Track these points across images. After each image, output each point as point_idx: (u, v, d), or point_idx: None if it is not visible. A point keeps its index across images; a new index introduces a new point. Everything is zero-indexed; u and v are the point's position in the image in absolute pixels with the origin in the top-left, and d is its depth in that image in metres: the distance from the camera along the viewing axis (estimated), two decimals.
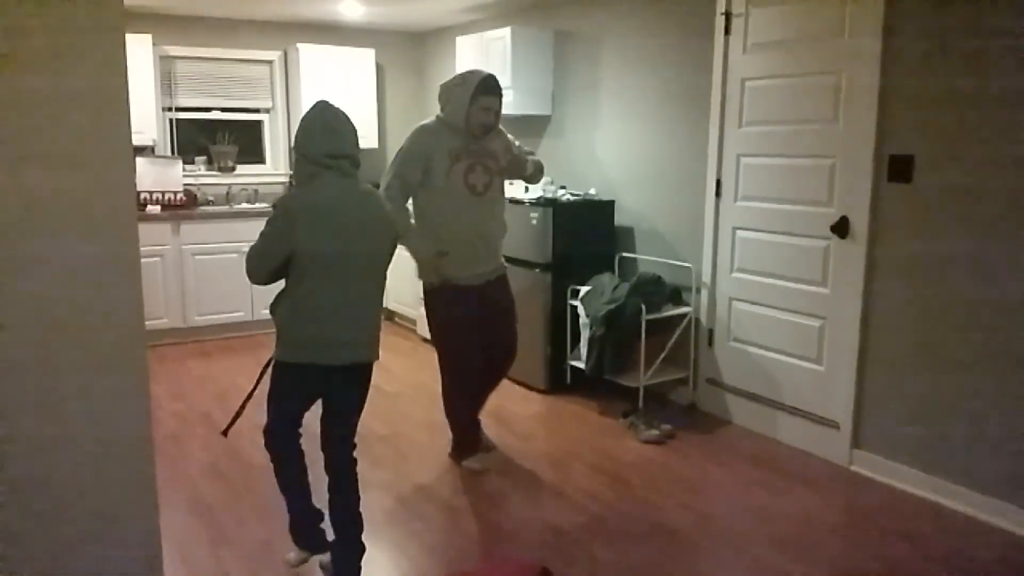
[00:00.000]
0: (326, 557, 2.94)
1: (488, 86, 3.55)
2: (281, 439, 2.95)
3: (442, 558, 3.06)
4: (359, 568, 2.89)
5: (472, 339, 3.76)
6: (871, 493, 3.60)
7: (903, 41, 3.47)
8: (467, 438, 3.92)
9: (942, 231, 3.39)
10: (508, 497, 3.58)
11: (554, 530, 3.28)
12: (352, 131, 2.79)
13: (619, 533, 3.23)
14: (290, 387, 2.84)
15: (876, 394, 3.72)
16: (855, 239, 3.74)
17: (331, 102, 2.82)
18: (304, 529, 3.03)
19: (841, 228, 3.79)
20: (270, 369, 2.88)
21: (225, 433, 3.06)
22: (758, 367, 4.29)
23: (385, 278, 2.90)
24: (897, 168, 3.54)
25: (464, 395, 3.88)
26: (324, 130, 2.72)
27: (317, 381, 2.80)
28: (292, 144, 2.77)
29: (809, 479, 3.75)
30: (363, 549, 2.90)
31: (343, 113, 2.80)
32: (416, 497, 3.57)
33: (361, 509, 2.92)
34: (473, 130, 3.58)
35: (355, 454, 2.94)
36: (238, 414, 2.99)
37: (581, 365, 4.67)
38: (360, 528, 2.91)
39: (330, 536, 2.96)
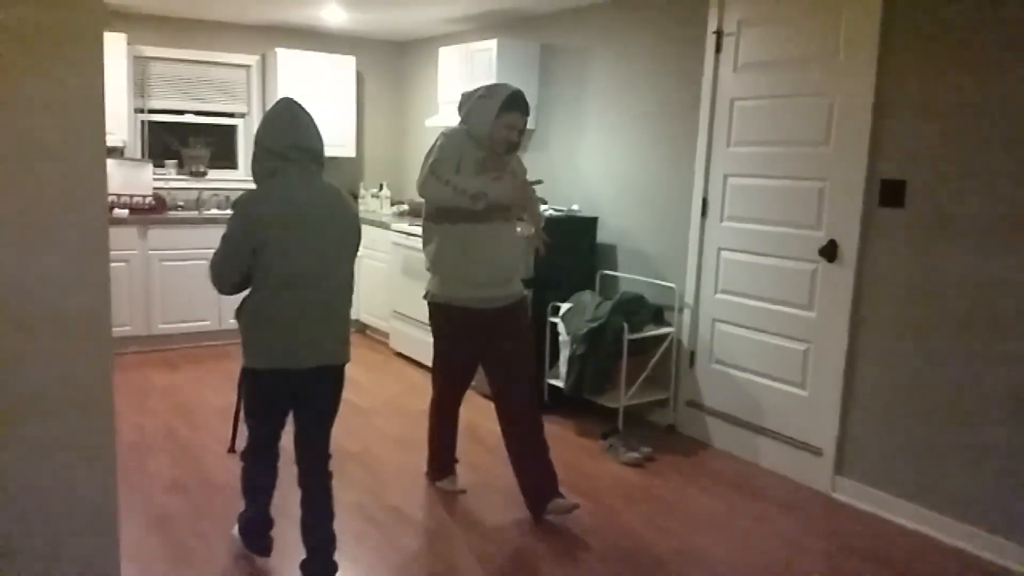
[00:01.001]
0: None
1: (514, 102, 3.32)
2: (256, 453, 2.88)
3: None
4: None
5: (457, 363, 3.60)
6: (854, 521, 3.53)
7: (898, 65, 3.44)
8: (440, 457, 3.78)
9: (934, 257, 3.35)
10: (484, 520, 3.45)
11: (532, 554, 3.16)
12: (317, 128, 2.71)
13: (599, 559, 3.12)
14: (262, 396, 2.75)
15: (861, 421, 3.66)
16: (843, 263, 3.69)
17: (295, 99, 2.74)
18: (256, 534, 3.01)
19: (829, 252, 3.74)
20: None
21: (232, 449, 3.10)
22: (740, 390, 4.22)
23: (352, 276, 2.80)
24: (889, 193, 3.50)
25: (441, 413, 3.72)
26: (288, 122, 2.64)
27: (288, 387, 2.70)
28: (254, 139, 2.68)
29: (791, 505, 3.68)
30: (335, 568, 2.83)
31: (308, 112, 2.72)
32: (389, 519, 3.43)
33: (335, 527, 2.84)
34: (496, 147, 3.34)
35: (330, 467, 2.85)
36: (235, 427, 2.91)
37: (560, 383, 4.57)
38: (333, 546, 2.83)
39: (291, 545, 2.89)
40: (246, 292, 2.70)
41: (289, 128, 2.63)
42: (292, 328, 2.61)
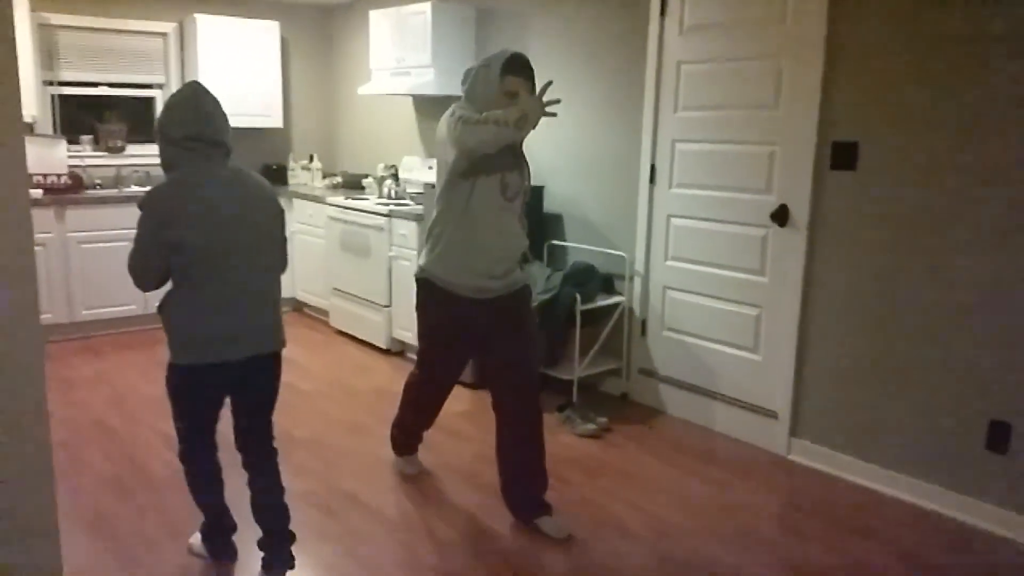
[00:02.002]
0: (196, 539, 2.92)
1: (513, 65, 2.94)
2: (195, 452, 2.73)
3: (379, 574, 2.82)
4: (292, 556, 2.78)
5: (448, 357, 3.28)
6: (812, 482, 3.57)
7: (848, 26, 3.41)
8: (404, 434, 3.59)
9: (886, 219, 3.36)
10: (444, 502, 3.36)
11: (495, 535, 3.09)
12: (223, 116, 2.55)
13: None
14: (192, 392, 2.62)
15: (814, 383, 3.69)
16: (795, 227, 3.68)
17: (202, 84, 2.57)
18: (219, 542, 2.87)
19: (781, 216, 3.72)
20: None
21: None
22: (693, 357, 4.21)
23: (280, 259, 2.68)
24: (840, 155, 3.49)
25: (418, 397, 3.45)
26: (190, 111, 2.49)
27: (220, 381, 2.58)
28: (155, 127, 2.54)
29: (749, 470, 3.70)
30: (293, 537, 2.78)
31: (214, 97, 2.56)
32: (345, 507, 3.30)
33: (286, 500, 2.77)
34: None
35: (275, 444, 2.79)
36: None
37: None
38: (287, 517, 2.77)
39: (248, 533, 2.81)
40: (168, 286, 2.56)
41: (190, 118, 2.48)
42: (219, 320, 2.50)
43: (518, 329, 3.11)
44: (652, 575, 2.83)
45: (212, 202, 2.47)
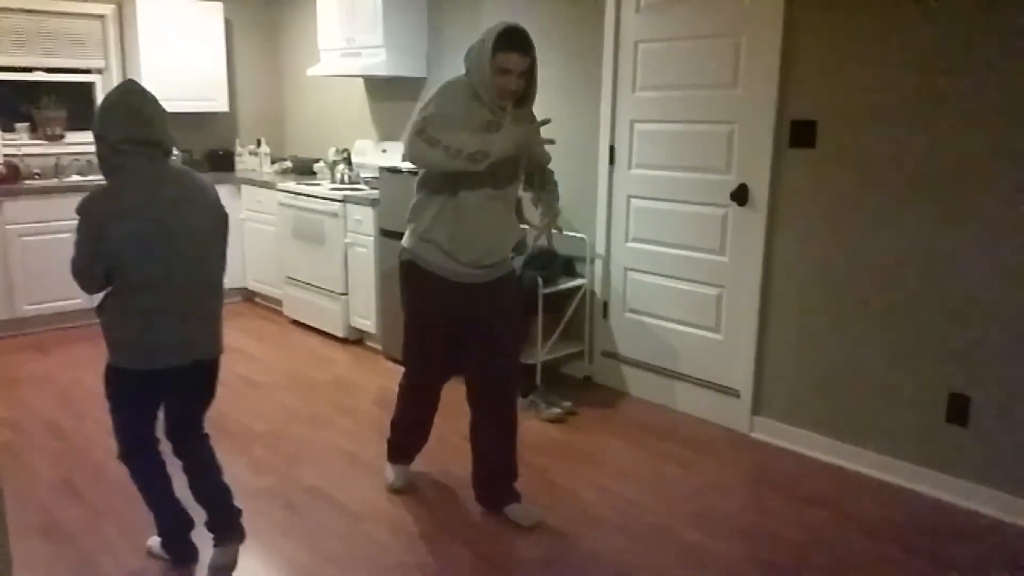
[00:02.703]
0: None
1: (507, 39, 2.67)
2: (136, 454, 2.67)
3: (346, 569, 2.76)
4: (241, 529, 2.76)
5: (436, 340, 3.04)
6: (775, 460, 3.60)
7: (805, 5, 3.40)
8: (397, 439, 3.34)
9: (845, 197, 3.38)
10: (409, 494, 3.30)
11: (464, 526, 3.05)
12: (162, 116, 2.46)
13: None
14: (128, 395, 2.58)
15: (776, 361, 3.71)
16: (755, 206, 3.69)
17: (137, 82, 2.51)
18: (177, 542, 2.79)
19: (740, 195, 3.72)
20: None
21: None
22: (655, 338, 4.20)
23: (220, 265, 2.66)
24: (799, 134, 3.49)
25: (410, 398, 3.21)
26: (127, 111, 2.41)
27: (157, 384, 2.55)
28: (92, 129, 2.49)
29: (713, 449, 3.71)
30: (239, 512, 2.78)
31: (152, 96, 2.48)
32: (308, 502, 3.23)
33: (226, 480, 2.78)
34: (499, 100, 2.73)
35: (206, 430, 2.79)
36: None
37: None
38: (229, 493, 2.76)
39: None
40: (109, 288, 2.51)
41: (126, 120, 2.40)
42: (158, 328, 2.47)
43: (501, 316, 3.00)
44: (622, 557, 2.82)
45: (151, 212, 2.40)
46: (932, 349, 3.20)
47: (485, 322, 2.97)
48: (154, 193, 2.42)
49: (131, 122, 2.40)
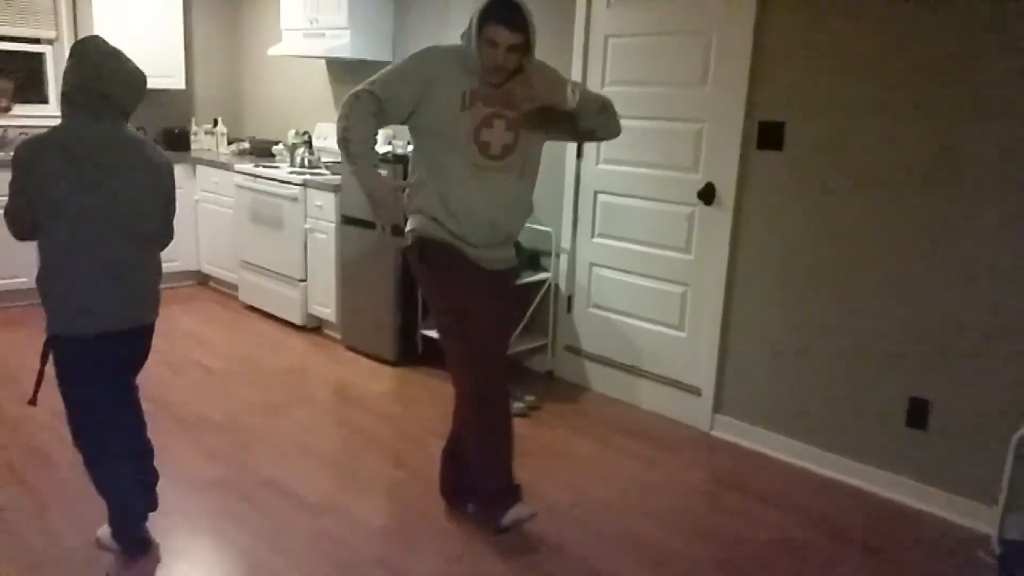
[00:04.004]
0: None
1: (494, 11, 2.51)
2: (85, 432, 2.58)
3: (304, 564, 2.70)
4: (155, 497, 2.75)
5: (485, 312, 2.70)
6: (735, 458, 3.63)
7: (777, 5, 3.41)
8: (506, 483, 2.76)
9: (811, 200, 3.41)
10: (369, 486, 3.25)
11: (422, 517, 3.01)
12: (120, 71, 2.43)
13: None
14: (67, 365, 2.50)
15: (738, 360, 3.73)
16: (721, 206, 3.69)
17: (106, 40, 2.49)
18: (129, 532, 2.68)
19: (707, 195, 3.73)
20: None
21: (33, 401, 2.65)
22: (619, 334, 4.20)
23: (157, 233, 2.61)
24: (767, 135, 3.51)
25: (483, 408, 2.73)
26: (79, 60, 2.41)
27: (91, 352, 2.48)
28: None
29: (674, 446, 3.73)
30: (156, 476, 2.76)
31: (117, 54, 2.47)
32: (264, 494, 3.15)
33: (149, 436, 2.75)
34: (487, 75, 2.59)
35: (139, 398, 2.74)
36: (39, 379, 2.59)
37: (434, 334, 4.38)
38: (150, 454, 2.75)
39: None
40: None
41: (77, 68, 2.40)
42: (83, 289, 2.42)
43: (508, 310, 2.88)
44: (584, 552, 2.81)
45: (83, 160, 2.38)
46: (893, 353, 3.24)
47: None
48: (87, 143, 2.40)
49: (80, 70, 2.39)
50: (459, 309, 2.71)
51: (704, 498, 3.29)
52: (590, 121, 2.69)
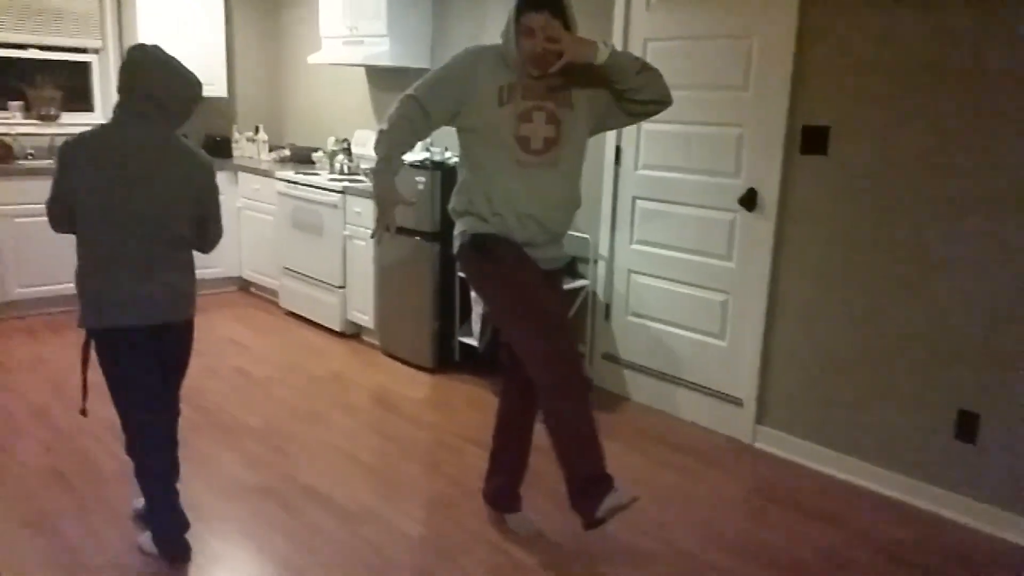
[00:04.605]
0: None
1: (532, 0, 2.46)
2: (133, 427, 2.63)
3: (341, 572, 2.70)
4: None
5: (555, 304, 2.67)
6: (778, 471, 3.56)
7: (820, 7, 3.34)
8: (597, 470, 2.56)
9: (857, 206, 3.33)
10: (407, 494, 3.25)
11: (464, 531, 2.99)
12: (169, 76, 2.52)
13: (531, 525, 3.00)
14: (105, 355, 2.55)
15: (781, 370, 3.66)
16: (763, 212, 3.63)
17: (163, 50, 2.56)
18: (171, 542, 2.70)
19: (749, 201, 3.67)
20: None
21: (83, 411, 2.76)
22: (658, 342, 4.15)
23: (186, 235, 2.64)
24: (811, 140, 3.44)
25: (574, 392, 2.53)
26: (130, 63, 2.51)
27: (124, 347, 2.54)
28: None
29: (715, 458, 3.67)
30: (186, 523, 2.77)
31: (165, 57, 2.54)
32: (303, 501, 3.17)
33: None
34: (528, 66, 2.53)
35: (180, 405, 2.82)
36: (84, 384, 2.70)
37: (472, 342, 4.37)
38: (176, 472, 2.77)
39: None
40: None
41: (127, 70, 2.50)
42: (113, 282, 2.49)
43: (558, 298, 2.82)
44: (624, 566, 2.77)
45: (120, 159, 2.45)
46: (943, 363, 3.15)
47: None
48: (127, 144, 2.47)
49: (130, 72, 2.49)
50: (524, 291, 2.60)
51: (747, 511, 3.22)
52: (629, 81, 2.56)
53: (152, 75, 2.49)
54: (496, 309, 2.72)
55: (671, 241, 4.02)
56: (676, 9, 3.86)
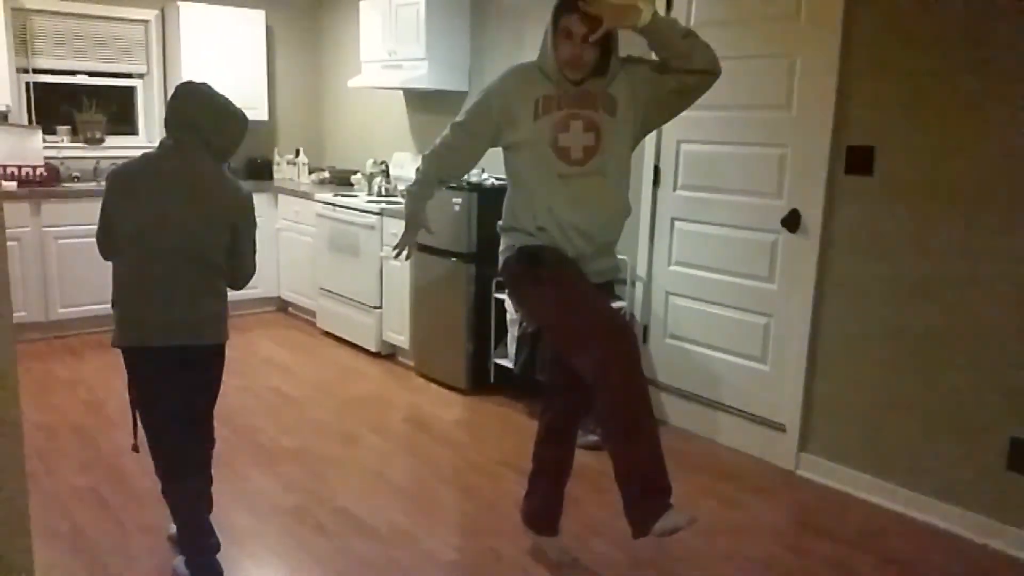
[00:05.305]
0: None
1: (570, 2, 2.40)
2: (158, 447, 2.65)
3: None
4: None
5: (584, 287, 2.52)
6: (822, 500, 3.44)
7: (865, 23, 3.28)
8: (657, 482, 2.37)
9: (904, 228, 3.24)
10: (441, 518, 3.20)
11: (497, 553, 2.94)
12: (209, 108, 2.60)
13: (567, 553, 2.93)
14: (139, 379, 2.62)
15: (825, 395, 3.56)
16: (807, 234, 3.55)
17: (209, 85, 2.67)
18: (200, 563, 2.68)
19: (792, 222, 3.59)
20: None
21: (135, 448, 2.73)
22: (697, 366, 4.07)
23: (219, 264, 2.64)
24: (856, 160, 3.36)
25: (636, 394, 2.36)
26: (177, 97, 2.61)
27: (151, 368, 2.58)
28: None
29: (758, 486, 3.57)
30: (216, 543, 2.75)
31: (208, 91, 2.64)
32: (337, 524, 3.14)
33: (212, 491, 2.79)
34: (566, 71, 2.47)
35: (213, 435, 2.81)
36: (135, 422, 2.68)
37: (508, 363, 4.33)
38: (208, 506, 2.76)
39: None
40: None
41: (174, 105, 2.61)
42: (141, 302, 2.55)
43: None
44: None
45: (156, 186, 2.54)
46: (994, 390, 3.03)
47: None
48: (167, 172, 2.56)
49: (172, 103, 2.61)
50: (579, 293, 2.48)
51: (790, 542, 3.12)
52: (675, 46, 2.43)
53: (200, 112, 2.58)
54: (547, 314, 2.59)
55: (711, 262, 3.95)
56: (716, 28, 3.80)
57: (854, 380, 3.45)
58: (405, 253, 2.81)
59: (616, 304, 4.24)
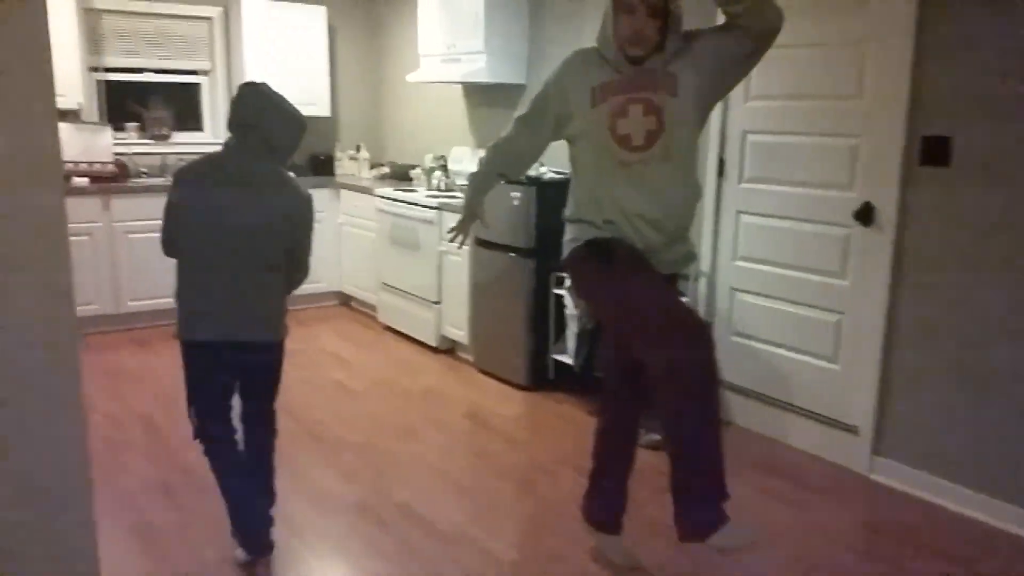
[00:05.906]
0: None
1: None
2: (208, 435, 2.73)
3: None
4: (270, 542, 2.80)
5: (647, 279, 2.41)
6: (898, 507, 3.30)
7: (941, 9, 3.12)
8: (715, 488, 2.31)
9: (983, 220, 3.08)
10: (501, 516, 3.17)
11: (556, 554, 2.89)
12: (270, 109, 2.64)
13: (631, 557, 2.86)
14: (191, 369, 2.71)
15: (901, 396, 3.41)
16: (881, 228, 3.41)
17: (269, 86, 2.72)
18: (248, 537, 2.77)
19: (865, 215, 3.45)
20: None
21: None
22: (764, 364, 3.95)
23: (278, 263, 2.69)
24: (931, 150, 3.20)
25: (706, 391, 2.26)
26: (237, 99, 2.66)
27: (212, 361, 2.67)
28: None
29: (828, 490, 3.44)
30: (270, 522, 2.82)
31: (268, 91, 2.68)
32: (398, 519, 3.13)
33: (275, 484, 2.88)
34: (627, 50, 2.35)
35: (276, 427, 2.88)
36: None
37: (567, 360, 4.28)
38: (270, 499, 2.85)
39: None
40: None
41: (236, 106, 2.66)
42: (198, 297, 2.62)
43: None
44: None
45: (218, 185, 2.60)
46: None
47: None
48: (229, 173, 2.62)
49: (234, 104, 2.66)
50: (651, 292, 2.36)
51: (861, 549, 3.00)
52: (738, 3, 2.30)
53: (260, 114, 2.62)
54: (616, 313, 2.49)
55: (778, 258, 3.83)
56: (786, 16, 3.67)
57: (932, 380, 3.29)
58: (460, 239, 2.84)
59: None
